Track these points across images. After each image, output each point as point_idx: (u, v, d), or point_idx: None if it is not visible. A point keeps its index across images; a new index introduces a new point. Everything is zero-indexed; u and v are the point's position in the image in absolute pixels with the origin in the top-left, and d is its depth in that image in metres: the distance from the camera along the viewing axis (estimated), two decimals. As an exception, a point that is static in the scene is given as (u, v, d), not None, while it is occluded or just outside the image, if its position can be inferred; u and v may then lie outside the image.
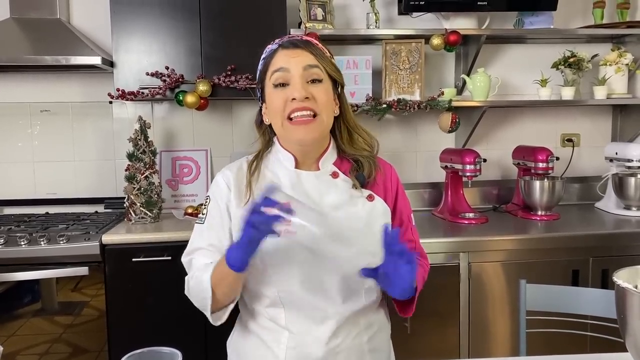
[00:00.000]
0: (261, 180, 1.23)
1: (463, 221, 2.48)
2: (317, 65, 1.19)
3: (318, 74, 1.19)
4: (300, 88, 1.16)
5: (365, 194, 1.25)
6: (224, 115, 2.78)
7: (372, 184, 1.27)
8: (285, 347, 1.20)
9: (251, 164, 1.26)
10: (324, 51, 1.24)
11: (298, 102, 1.16)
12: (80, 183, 2.74)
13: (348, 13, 2.77)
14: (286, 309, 1.21)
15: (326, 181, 1.25)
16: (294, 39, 1.23)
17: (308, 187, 1.23)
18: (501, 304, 2.24)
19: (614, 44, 2.84)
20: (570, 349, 1.49)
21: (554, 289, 1.61)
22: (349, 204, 1.23)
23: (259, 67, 1.27)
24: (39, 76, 2.67)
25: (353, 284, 1.20)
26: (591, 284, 2.23)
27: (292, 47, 1.20)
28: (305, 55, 1.19)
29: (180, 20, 2.40)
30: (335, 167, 1.27)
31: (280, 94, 1.18)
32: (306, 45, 1.21)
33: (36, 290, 2.19)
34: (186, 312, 2.20)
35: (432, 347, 2.21)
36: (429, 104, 2.55)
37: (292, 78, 1.17)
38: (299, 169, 1.25)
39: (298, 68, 1.17)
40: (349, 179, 1.26)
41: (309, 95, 1.16)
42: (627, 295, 0.90)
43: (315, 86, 1.19)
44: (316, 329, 1.20)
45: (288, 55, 1.19)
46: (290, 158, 1.25)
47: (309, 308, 1.19)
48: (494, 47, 2.84)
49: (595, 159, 2.94)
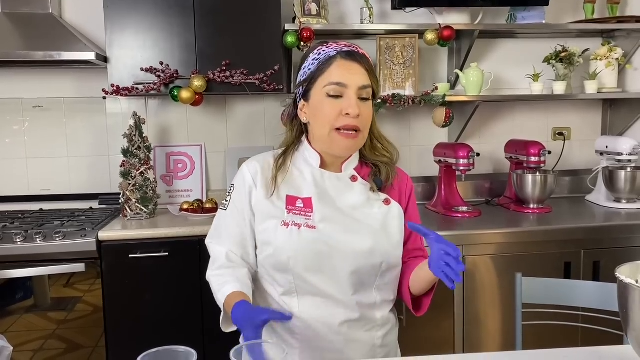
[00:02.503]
0: (287, 176, 1.29)
1: (457, 215, 2.50)
2: (370, 85, 1.25)
3: (368, 94, 1.25)
4: (355, 106, 1.21)
5: (382, 198, 1.31)
6: (218, 110, 2.78)
7: (389, 189, 1.33)
8: (298, 335, 1.25)
9: (279, 158, 1.31)
10: (373, 67, 1.29)
11: (351, 118, 1.21)
12: (74, 179, 2.73)
13: (342, 8, 2.77)
14: (299, 296, 1.25)
15: (346, 183, 1.31)
16: (353, 50, 1.26)
17: (329, 186, 1.29)
18: (495, 297, 2.27)
19: (604, 39, 2.87)
20: (562, 340, 1.53)
21: (549, 282, 1.64)
22: (366, 206, 1.28)
23: (308, 66, 1.27)
24: (32, 72, 2.64)
25: (365, 278, 1.25)
26: (583, 276, 2.26)
27: (350, 59, 1.23)
28: (361, 72, 1.24)
29: (174, 15, 2.39)
30: (355, 171, 1.33)
31: (335, 104, 1.22)
32: (363, 60, 1.25)
33: (30, 287, 2.18)
34: (183, 308, 2.23)
35: (426, 340, 2.23)
36: (423, 99, 2.57)
37: (348, 93, 1.22)
38: (324, 169, 1.31)
39: (355, 86, 1.22)
40: (367, 183, 1.32)
41: (360, 114, 1.22)
42: (630, 291, 0.92)
43: (364, 103, 1.24)
44: (328, 316, 1.24)
45: (346, 70, 1.23)
46: (316, 157, 1.31)
47: (321, 296, 1.24)
48: (486, 42, 2.86)
49: (586, 152, 2.98)
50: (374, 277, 1.26)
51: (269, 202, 1.27)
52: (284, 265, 1.23)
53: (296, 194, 1.27)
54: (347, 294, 1.24)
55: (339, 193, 1.28)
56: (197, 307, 2.23)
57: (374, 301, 1.28)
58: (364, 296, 1.26)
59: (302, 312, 1.25)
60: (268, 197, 1.27)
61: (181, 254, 2.21)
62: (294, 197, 1.27)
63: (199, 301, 2.21)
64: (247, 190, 1.29)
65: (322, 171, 1.30)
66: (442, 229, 2.28)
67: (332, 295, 1.24)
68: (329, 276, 1.23)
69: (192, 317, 2.23)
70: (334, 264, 1.23)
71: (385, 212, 1.29)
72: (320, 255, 1.22)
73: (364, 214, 1.27)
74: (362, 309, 1.26)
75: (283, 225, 1.24)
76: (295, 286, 1.24)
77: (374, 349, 1.29)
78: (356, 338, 1.26)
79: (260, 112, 2.80)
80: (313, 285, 1.23)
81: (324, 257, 1.22)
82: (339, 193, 1.28)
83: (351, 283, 1.24)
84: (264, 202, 1.27)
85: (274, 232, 1.24)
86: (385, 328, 1.32)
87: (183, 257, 2.21)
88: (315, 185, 1.28)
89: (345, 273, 1.23)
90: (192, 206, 2.49)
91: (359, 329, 1.27)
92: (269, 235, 1.25)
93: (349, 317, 1.25)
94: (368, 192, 1.30)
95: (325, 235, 1.23)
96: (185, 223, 2.32)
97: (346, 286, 1.24)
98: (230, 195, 1.32)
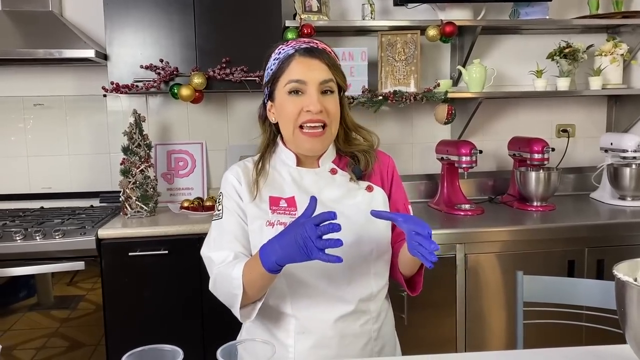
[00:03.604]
0: (268, 179, 1.29)
1: (459, 212, 2.48)
2: (331, 79, 1.23)
3: (331, 87, 1.24)
4: (316, 102, 1.20)
5: (364, 186, 1.31)
6: (219, 108, 2.77)
7: (370, 175, 1.33)
8: (294, 334, 1.23)
9: (257, 163, 1.31)
10: (336, 60, 1.27)
11: (312, 114, 1.20)
12: (75, 177, 2.72)
13: (343, 4, 2.75)
14: (292, 297, 1.23)
15: (325, 177, 1.31)
16: (311, 46, 1.25)
17: (308, 183, 1.29)
18: (497, 296, 2.25)
19: (609, 35, 2.84)
20: (566, 339, 1.51)
21: (550, 280, 1.62)
22: (348, 197, 1.28)
23: (270, 66, 1.28)
24: (32, 69, 2.64)
25: (359, 268, 1.24)
26: (587, 274, 2.24)
27: (308, 56, 1.23)
28: (321, 68, 1.23)
29: (174, 12, 2.38)
30: (334, 164, 1.33)
31: (296, 101, 1.22)
32: (322, 55, 1.24)
33: (32, 285, 2.18)
34: (183, 306, 2.22)
35: (428, 338, 2.21)
36: (425, 96, 2.55)
37: (308, 90, 1.21)
38: (301, 166, 1.31)
39: (315, 82, 1.21)
40: (346, 174, 1.32)
41: (322, 109, 1.21)
42: (627, 289, 0.90)
43: (327, 98, 1.23)
44: (322, 312, 1.23)
45: (305, 66, 1.22)
46: (292, 157, 1.31)
47: (314, 293, 1.22)
48: (489, 38, 2.83)
49: (590, 149, 2.95)
50: (367, 265, 1.25)
51: (254, 205, 1.26)
52: None
53: (279, 195, 1.27)
54: (341, 286, 1.23)
55: (319, 188, 1.28)
56: (197, 305, 2.22)
57: (371, 292, 1.27)
58: (360, 286, 1.25)
59: (296, 311, 1.23)
60: (252, 200, 1.27)
61: (181, 252, 2.20)
62: (277, 197, 1.27)
63: (199, 299, 2.20)
64: (236, 193, 1.29)
65: (299, 169, 1.31)
66: (445, 226, 2.26)
67: (325, 291, 1.22)
68: (320, 271, 1.21)
69: (192, 315, 2.22)
70: None
71: (368, 199, 1.29)
72: None
73: (347, 206, 1.26)
74: (358, 302, 1.24)
75: (268, 225, 1.23)
76: (286, 285, 1.22)
77: (369, 342, 1.28)
78: (352, 333, 1.25)
79: (262, 109, 2.78)
80: (305, 283, 1.22)
81: None
82: (320, 188, 1.28)
83: (344, 275, 1.23)
84: (249, 205, 1.27)
85: (259, 233, 1.23)
86: (380, 320, 1.30)
87: (183, 255, 2.20)
88: (295, 184, 1.28)
89: (336, 266, 1.19)
90: (193, 204, 2.48)
91: (354, 323, 1.25)
92: (255, 237, 1.24)
93: (343, 312, 1.23)
94: (349, 182, 1.30)
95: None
96: (186, 221, 2.31)
97: (340, 279, 1.23)
98: (221, 203, 1.31)
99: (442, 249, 2.20)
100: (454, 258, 2.21)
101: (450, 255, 2.20)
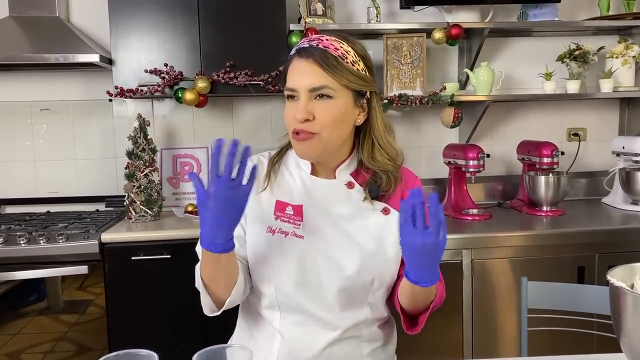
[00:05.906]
0: (279, 177, 1.23)
1: (467, 217, 2.44)
2: (324, 85, 1.11)
3: (327, 92, 1.12)
4: (302, 110, 1.11)
5: (380, 207, 1.19)
6: (224, 112, 2.76)
7: (389, 196, 1.21)
8: (277, 352, 1.18)
9: (273, 157, 1.25)
10: (341, 59, 1.13)
11: (298, 122, 1.12)
12: (81, 181, 2.73)
13: (349, 7, 2.74)
14: (282, 312, 1.18)
15: (340, 191, 1.21)
16: (310, 46, 1.14)
17: (319, 195, 1.20)
18: (506, 302, 2.21)
19: (621, 36, 2.79)
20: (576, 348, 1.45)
21: (555, 286, 1.57)
22: (360, 217, 1.18)
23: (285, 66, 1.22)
24: (39, 75, 2.66)
25: (354, 296, 1.17)
26: (597, 280, 2.19)
27: (303, 58, 1.13)
28: (314, 72, 1.12)
29: (178, 16, 2.38)
30: (351, 177, 1.22)
31: (291, 107, 1.15)
32: (319, 56, 1.12)
33: (41, 289, 2.19)
34: (186, 310, 2.21)
35: (435, 344, 2.17)
36: (431, 99, 2.52)
37: (299, 96, 1.13)
38: (316, 175, 1.22)
39: (304, 89, 1.12)
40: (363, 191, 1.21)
41: (309, 117, 1.11)
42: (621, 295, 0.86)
43: (319, 104, 1.12)
44: (311, 336, 1.17)
45: (297, 72, 1.14)
46: (307, 163, 1.22)
47: (305, 314, 1.17)
48: (497, 41, 2.80)
49: (602, 153, 2.89)
50: (364, 294, 1.17)
51: (258, 202, 1.20)
52: (266, 275, 1.17)
53: (287, 200, 1.19)
54: (333, 311, 1.16)
55: (330, 202, 1.19)
56: (200, 310, 2.19)
57: (365, 318, 1.19)
58: (353, 313, 1.18)
59: (283, 329, 1.18)
60: (258, 192, 1.20)
61: (184, 256, 2.18)
62: (284, 203, 1.19)
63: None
64: None
65: (312, 178, 1.21)
66: (452, 232, 2.22)
67: (315, 314, 1.16)
68: (314, 292, 1.15)
69: (194, 319, 2.21)
70: (321, 279, 1.15)
71: (382, 223, 1.18)
72: (304, 269, 1.15)
73: (357, 226, 1.17)
74: (348, 327, 1.17)
75: (269, 231, 1.17)
76: (277, 300, 1.17)
77: None
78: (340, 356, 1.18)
79: (267, 113, 2.78)
80: (296, 301, 1.16)
81: (309, 271, 1.15)
82: (331, 202, 1.19)
83: (338, 301, 1.15)
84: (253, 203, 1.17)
85: (258, 238, 1.18)
86: (373, 344, 1.23)
87: (186, 259, 2.16)
88: (306, 192, 1.20)
89: (332, 290, 1.15)
90: (197, 208, 2.47)
91: (345, 346, 1.18)
92: (254, 241, 1.19)
93: (335, 336, 1.16)
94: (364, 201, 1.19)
95: (312, 248, 1.15)
96: (189, 225, 2.30)
97: (333, 303, 1.15)
98: None
99: (449, 254, 2.17)
100: (461, 263, 2.17)
101: (457, 260, 2.17)
